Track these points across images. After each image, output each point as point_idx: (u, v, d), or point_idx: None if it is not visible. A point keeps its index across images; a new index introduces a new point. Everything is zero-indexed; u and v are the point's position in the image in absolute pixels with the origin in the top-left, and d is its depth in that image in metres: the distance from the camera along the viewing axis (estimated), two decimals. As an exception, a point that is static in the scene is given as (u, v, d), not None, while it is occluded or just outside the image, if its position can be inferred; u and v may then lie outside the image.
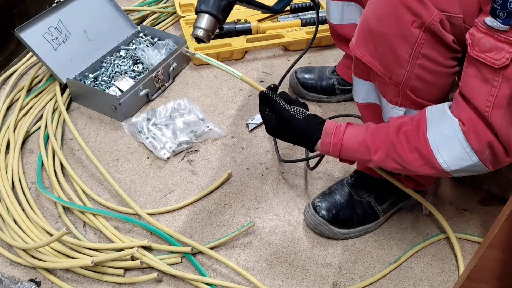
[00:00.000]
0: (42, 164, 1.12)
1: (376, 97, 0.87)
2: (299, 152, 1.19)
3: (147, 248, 0.95)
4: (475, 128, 0.68)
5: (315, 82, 1.31)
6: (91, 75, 1.32)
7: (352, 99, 1.33)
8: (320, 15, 1.54)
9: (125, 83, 1.30)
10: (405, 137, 0.74)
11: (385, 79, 0.77)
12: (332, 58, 1.48)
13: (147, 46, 1.41)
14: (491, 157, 0.70)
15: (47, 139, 1.18)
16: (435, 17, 0.68)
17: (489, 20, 0.61)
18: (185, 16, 1.55)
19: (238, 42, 1.45)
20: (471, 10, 0.69)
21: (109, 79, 1.32)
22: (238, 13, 1.56)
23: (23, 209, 1.02)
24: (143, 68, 1.37)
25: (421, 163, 0.73)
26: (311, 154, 1.07)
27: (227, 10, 0.89)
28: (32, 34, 1.23)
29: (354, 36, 0.80)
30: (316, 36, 1.47)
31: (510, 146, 0.68)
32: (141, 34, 1.46)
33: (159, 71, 1.31)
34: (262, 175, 1.13)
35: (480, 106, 0.66)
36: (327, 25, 1.52)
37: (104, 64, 1.36)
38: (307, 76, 1.32)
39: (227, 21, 1.59)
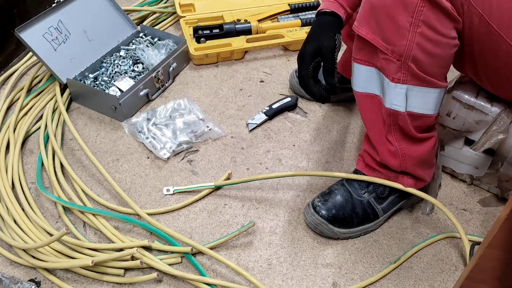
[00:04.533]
0: (42, 164, 1.12)
1: (376, 86, 0.89)
2: (299, 153, 1.19)
3: (147, 248, 0.95)
4: None
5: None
6: (91, 75, 1.32)
7: (352, 99, 1.33)
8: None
9: (125, 83, 1.30)
10: None
11: (388, 54, 0.81)
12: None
13: (147, 46, 1.41)
14: None
15: (47, 139, 1.18)
16: None
17: None
18: (185, 16, 1.55)
19: (238, 42, 1.45)
20: None
21: (109, 79, 1.32)
22: (239, 13, 1.56)
23: (23, 209, 1.02)
24: (143, 68, 1.37)
25: None
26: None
27: None
28: (32, 34, 1.23)
29: (357, 17, 0.84)
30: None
31: None
32: (141, 34, 1.46)
33: (159, 71, 1.31)
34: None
35: None
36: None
37: (104, 64, 1.36)
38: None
39: (227, 21, 1.60)
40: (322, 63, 0.92)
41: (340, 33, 0.92)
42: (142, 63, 1.38)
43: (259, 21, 1.52)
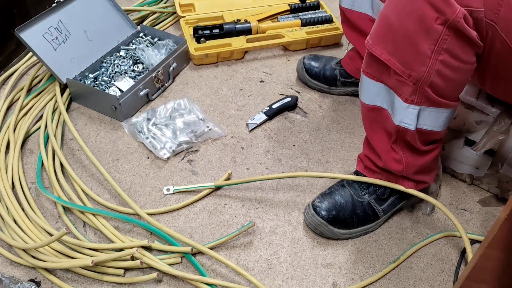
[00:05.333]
0: (42, 164, 1.12)
1: (384, 100, 0.86)
2: (299, 153, 1.19)
3: (147, 248, 0.95)
4: None
5: (319, 71, 1.33)
6: (91, 75, 1.32)
7: (352, 94, 1.34)
8: (320, 15, 1.55)
9: (125, 83, 1.30)
10: None
11: (403, 77, 0.78)
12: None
13: (147, 46, 1.41)
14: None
15: (47, 139, 1.18)
16: (459, 14, 0.68)
17: None
18: (185, 16, 1.55)
19: (238, 42, 1.45)
20: (492, 3, 0.69)
21: (109, 79, 1.32)
22: (239, 13, 1.56)
23: (23, 209, 1.02)
24: (143, 68, 1.37)
25: None
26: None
27: None
28: (32, 34, 1.23)
29: (370, 34, 0.80)
30: (316, 36, 1.50)
31: None
32: (141, 34, 1.46)
33: (159, 71, 1.31)
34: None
35: None
36: (327, 25, 1.54)
37: (104, 64, 1.36)
38: (313, 63, 1.35)
39: (227, 21, 1.60)
40: None
41: None
42: (142, 63, 1.38)
43: (259, 21, 1.52)
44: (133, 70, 1.36)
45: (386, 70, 0.80)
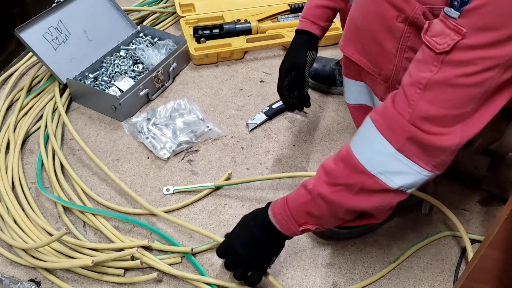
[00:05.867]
0: (42, 164, 1.12)
1: (368, 98, 0.88)
2: (299, 153, 1.19)
3: (147, 248, 0.95)
4: (388, 119, 0.67)
5: (318, 71, 1.34)
6: (91, 75, 1.32)
7: None
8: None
9: (125, 83, 1.30)
10: (332, 158, 0.75)
11: (375, 76, 0.79)
12: (331, 57, 1.48)
13: (147, 46, 1.41)
14: (414, 149, 0.66)
15: (47, 139, 1.18)
16: (418, 10, 0.69)
17: (447, 9, 0.62)
18: (185, 16, 1.55)
19: (238, 42, 1.45)
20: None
21: (109, 79, 1.32)
22: (239, 13, 1.56)
23: (23, 209, 1.02)
24: (143, 68, 1.37)
25: (347, 171, 0.71)
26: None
27: None
28: (32, 34, 1.23)
29: (342, 35, 0.82)
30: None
31: (434, 127, 0.64)
32: (141, 34, 1.46)
33: (159, 71, 1.31)
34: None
35: (410, 90, 0.64)
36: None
37: (104, 64, 1.36)
38: (313, 64, 1.35)
39: (227, 21, 1.60)
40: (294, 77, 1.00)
41: (314, 49, 1.00)
42: (142, 63, 1.38)
43: (259, 21, 1.52)
44: (133, 70, 1.36)
45: (362, 69, 0.82)
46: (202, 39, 1.45)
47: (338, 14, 1.23)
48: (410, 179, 0.68)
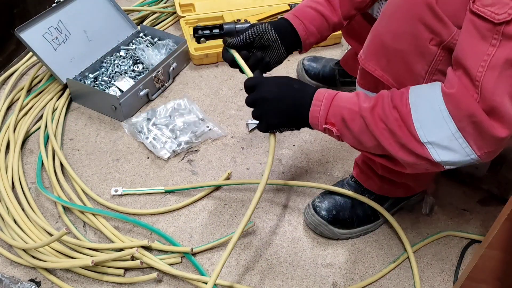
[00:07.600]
0: (42, 164, 1.12)
1: None
2: (299, 153, 1.19)
3: (147, 248, 0.95)
4: (458, 94, 0.63)
5: (318, 71, 1.34)
6: (91, 75, 1.32)
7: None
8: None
9: (125, 83, 1.30)
10: (390, 95, 0.71)
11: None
12: (331, 57, 1.48)
13: (147, 46, 1.41)
14: (473, 132, 0.63)
15: (47, 139, 1.18)
16: (455, 36, 0.66)
17: None
18: (185, 16, 1.55)
19: (238, 42, 1.45)
20: None
21: (109, 79, 1.32)
22: (239, 13, 1.56)
23: (23, 209, 1.02)
24: (143, 68, 1.37)
25: (399, 122, 0.69)
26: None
27: None
28: (32, 34, 1.23)
29: (363, 49, 0.77)
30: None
31: (501, 117, 0.61)
32: (141, 34, 1.46)
33: (159, 71, 1.31)
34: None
35: (473, 68, 0.60)
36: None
37: (104, 64, 1.36)
38: (313, 64, 1.36)
39: (227, 21, 1.60)
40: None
41: (286, 43, 0.88)
42: (142, 63, 1.38)
43: (259, 21, 1.52)
44: (133, 70, 1.36)
45: (381, 82, 0.78)
46: (202, 39, 1.45)
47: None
48: (456, 158, 0.66)
